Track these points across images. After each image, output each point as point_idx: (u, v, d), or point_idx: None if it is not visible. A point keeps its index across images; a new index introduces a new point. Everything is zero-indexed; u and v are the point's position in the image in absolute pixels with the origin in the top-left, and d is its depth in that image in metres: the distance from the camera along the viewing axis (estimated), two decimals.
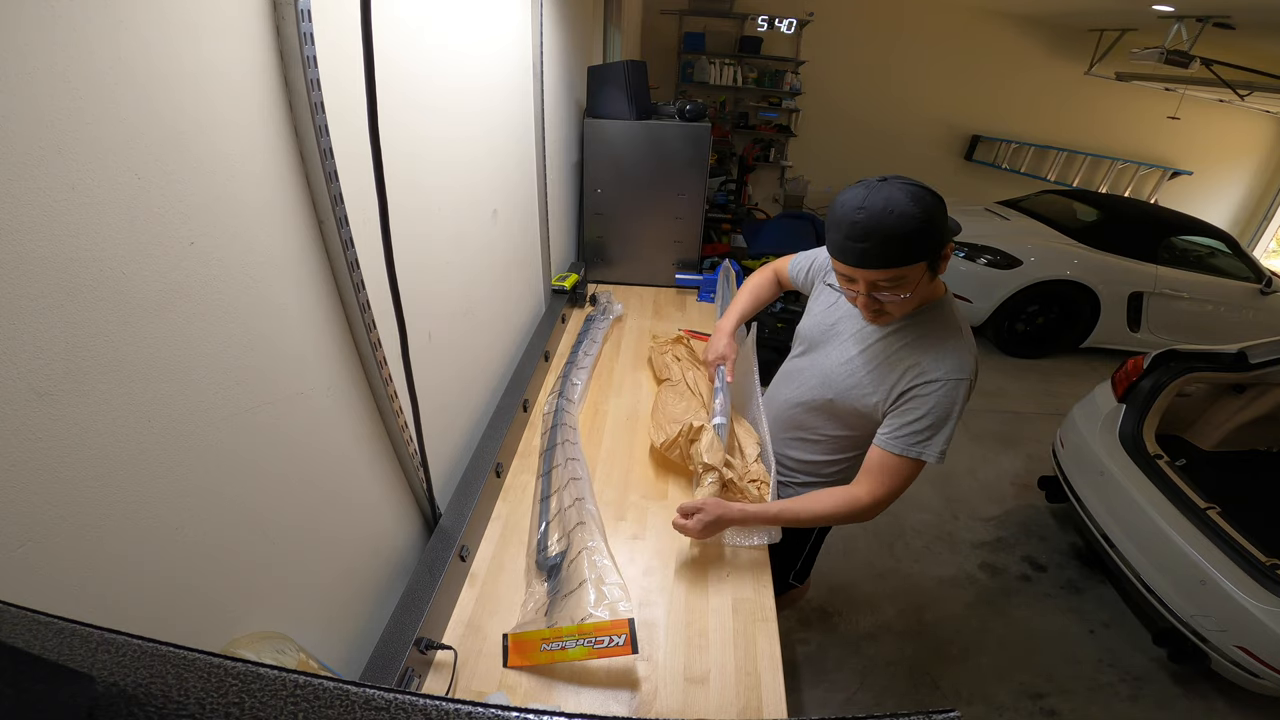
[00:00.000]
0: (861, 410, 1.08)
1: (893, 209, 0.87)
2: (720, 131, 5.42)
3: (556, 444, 1.31)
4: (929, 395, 0.98)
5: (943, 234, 0.92)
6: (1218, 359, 2.32)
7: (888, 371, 1.03)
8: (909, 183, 0.90)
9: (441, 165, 1.04)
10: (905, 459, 1.00)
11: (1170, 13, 3.92)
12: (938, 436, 0.98)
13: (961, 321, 1.02)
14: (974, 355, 0.99)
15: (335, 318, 0.76)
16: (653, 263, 2.25)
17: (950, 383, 0.97)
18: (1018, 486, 2.84)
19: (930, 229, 0.89)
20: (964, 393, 0.97)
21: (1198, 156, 6.32)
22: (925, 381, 0.98)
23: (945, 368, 0.97)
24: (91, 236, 0.44)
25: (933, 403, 0.97)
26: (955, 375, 0.97)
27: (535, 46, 1.49)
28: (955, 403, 0.97)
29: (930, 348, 1.00)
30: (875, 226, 0.88)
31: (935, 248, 0.92)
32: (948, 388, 0.97)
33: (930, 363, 0.99)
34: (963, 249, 3.86)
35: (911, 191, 0.88)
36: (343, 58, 0.69)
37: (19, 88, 0.39)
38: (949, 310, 1.03)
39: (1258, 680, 1.71)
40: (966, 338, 1.01)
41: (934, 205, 0.89)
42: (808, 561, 1.48)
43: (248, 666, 0.28)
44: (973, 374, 0.98)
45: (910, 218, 0.87)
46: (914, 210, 0.87)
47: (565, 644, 0.87)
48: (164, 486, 0.53)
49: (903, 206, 0.87)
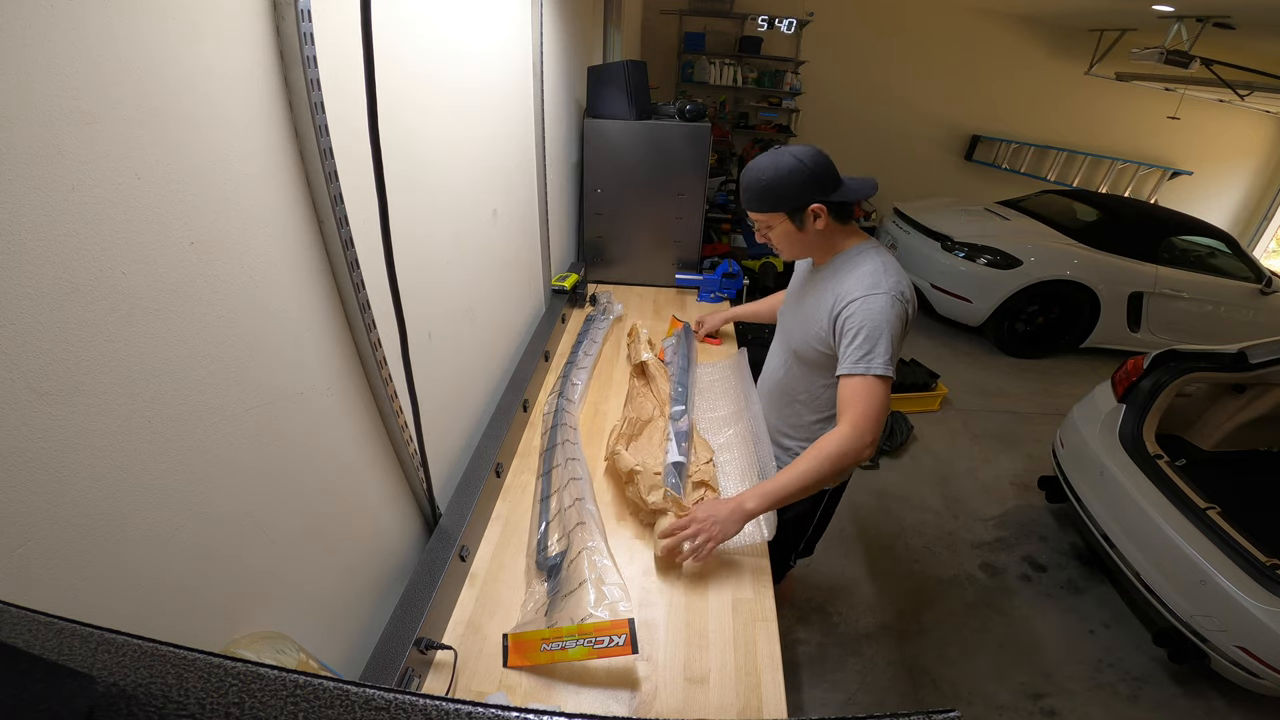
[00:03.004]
0: (820, 349, 1.20)
1: (757, 167, 1.12)
2: (720, 131, 5.42)
3: (556, 444, 1.30)
4: (853, 314, 1.10)
5: (796, 195, 1.11)
6: (1218, 359, 2.32)
7: (817, 306, 1.20)
8: (793, 151, 1.10)
9: (441, 165, 1.04)
10: (859, 378, 1.09)
11: (1170, 13, 3.92)
12: (877, 349, 1.07)
13: (880, 256, 1.16)
14: (898, 278, 1.11)
15: (335, 318, 0.76)
16: (653, 263, 2.25)
17: (870, 298, 1.09)
18: (1018, 486, 2.84)
19: (776, 188, 1.11)
20: (887, 305, 1.08)
21: (1198, 156, 6.32)
22: (846, 303, 1.11)
23: (862, 288, 1.10)
24: (91, 236, 0.44)
25: (859, 319, 1.09)
26: (872, 291, 1.09)
27: (535, 46, 1.49)
28: (881, 315, 1.07)
29: (846, 277, 1.15)
30: (746, 179, 1.14)
31: (785, 203, 1.12)
32: (867, 303, 1.09)
33: (849, 288, 1.13)
34: (963, 249, 3.86)
35: (781, 156, 1.09)
36: (343, 58, 0.69)
37: (19, 88, 0.39)
38: (867, 252, 1.18)
39: (1258, 680, 1.71)
40: (887, 267, 1.13)
41: (791, 173, 1.09)
42: (812, 539, 1.52)
43: (248, 666, 0.28)
44: (894, 290, 1.09)
45: (762, 176, 1.11)
46: (768, 172, 1.10)
47: (565, 644, 0.87)
48: (163, 486, 0.53)
49: (762, 168, 1.11)
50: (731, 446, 1.35)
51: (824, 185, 1.12)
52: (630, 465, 1.16)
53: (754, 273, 4.02)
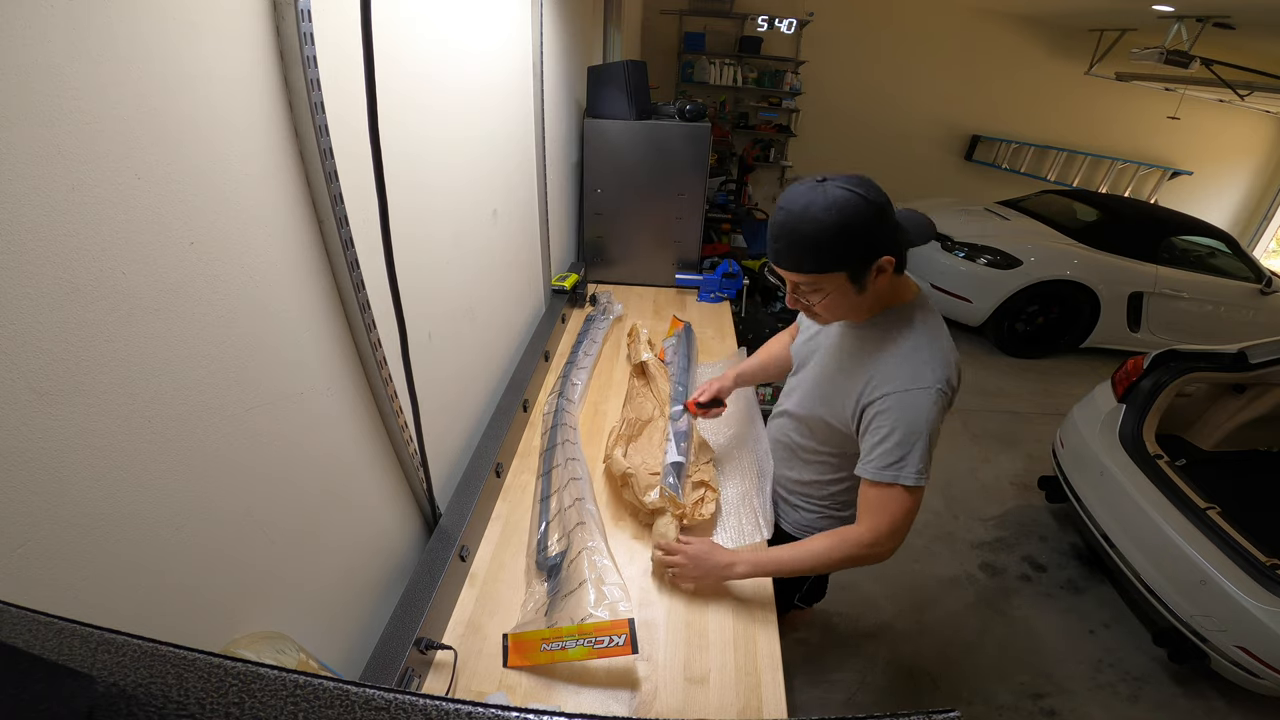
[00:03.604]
0: (837, 426, 1.01)
1: (808, 214, 0.82)
2: (720, 131, 5.41)
3: (556, 444, 1.30)
4: (889, 410, 0.90)
5: (867, 246, 0.84)
6: (1218, 359, 2.32)
7: (846, 381, 0.97)
8: (846, 186, 0.82)
9: (441, 165, 1.04)
10: (885, 487, 0.92)
11: (1170, 13, 3.92)
12: (910, 456, 0.89)
13: (929, 326, 0.94)
14: (945, 363, 0.90)
15: (335, 318, 0.76)
16: (653, 263, 2.25)
17: (910, 393, 0.89)
18: (1018, 486, 2.84)
19: (843, 240, 0.83)
20: (930, 403, 0.88)
21: (1198, 156, 6.32)
22: (883, 395, 0.91)
23: (903, 378, 0.90)
24: (91, 236, 0.44)
25: (894, 417, 0.89)
26: (915, 385, 0.89)
27: (535, 46, 1.49)
28: (921, 415, 0.88)
29: (888, 356, 0.93)
30: (787, 228, 0.84)
31: (853, 259, 0.85)
32: (908, 399, 0.89)
33: (888, 373, 0.91)
34: (963, 249, 3.86)
35: (840, 197, 0.81)
36: (343, 58, 0.69)
37: (19, 88, 0.39)
38: (915, 316, 0.95)
39: (1258, 680, 1.71)
40: (935, 344, 0.92)
41: (859, 215, 0.82)
42: (817, 584, 1.40)
43: (248, 666, 0.28)
44: (941, 383, 0.89)
45: (822, 226, 0.81)
46: (829, 218, 0.81)
47: (565, 644, 0.87)
48: (163, 486, 0.53)
49: (818, 212, 0.81)
50: (731, 447, 1.35)
51: (890, 227, 0.86)
52: (623, 469, 1.16)
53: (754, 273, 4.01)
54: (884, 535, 0.94)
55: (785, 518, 1.21)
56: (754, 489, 1.22)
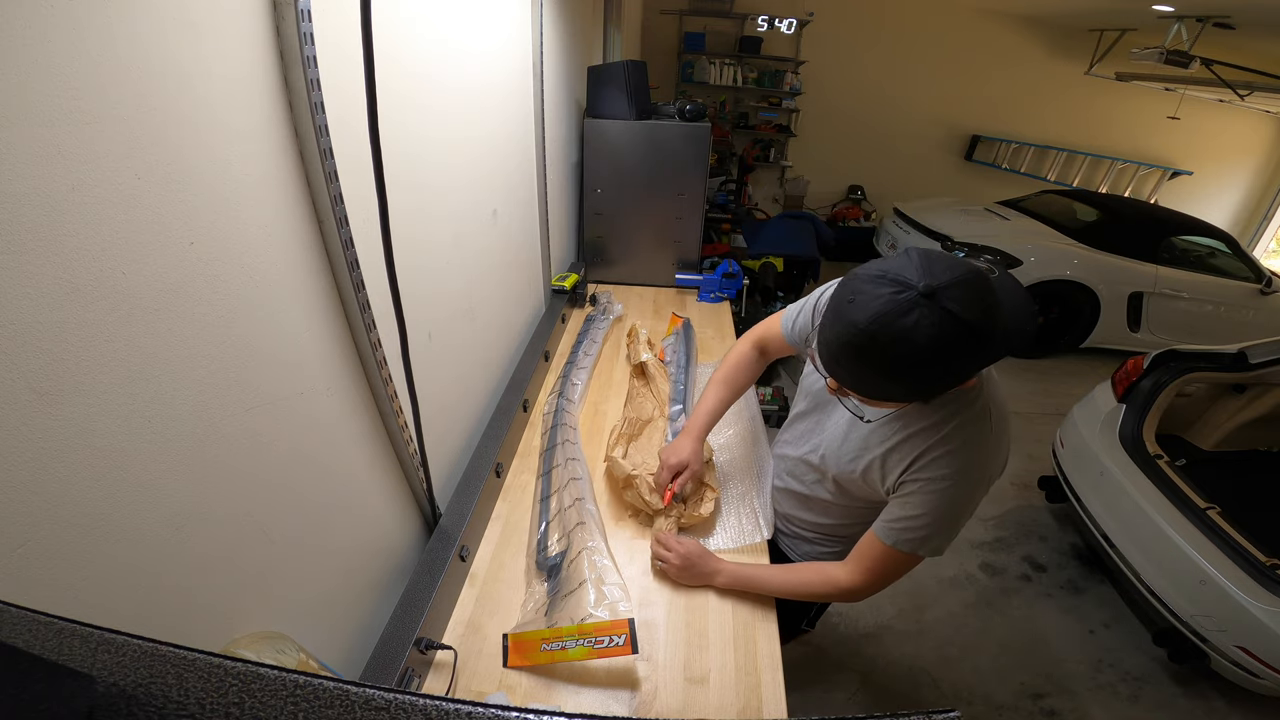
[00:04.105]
0: (866, 491, 0.96)
1: (899, 351, 0.64)
2: (720, 131, 5.41)
3: (556, 444, 1.30)
4: (933, 494, 0.82)
5: (957, 377, 0.71)
6: (1218, 359, 2.32)
7: (890, 453, 0.87)
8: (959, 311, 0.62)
9: (442, 165, 1.04)
10: (897, 551, 0.87)
11: (1170, 13, 3.92)
12: (940, 535, 0.85)
13: (990, 408, 0.82)
14: (998, 451, 0.83)
15: (335, 318, 0.76)
16: (653, 263, 2.25)
17: (960, 483, 0.81)
18: (1018, 486, 2.84)
19: (936, 378, 0.69)
20: (968, 494, 0.83)
21: (1198, 156, 6.32)
22: (930, 477, 0.82)
23: (957, 465, 0.81)
24: (91, 236, 0.44)
25: (935, 501, 0.83)
26: (967, 474, 0.81)
27: (535, 46, 1.49)
28: (965, 505, 0.83)
29: (942, 437, 0.81)
30: (865, 356, 0.66)
31: (937, 390, 0.74)
32: (956, 488, 0.81)
33: (940, 456, 0.81)
34: (963, 249, 3.86)
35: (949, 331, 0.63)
36: (343, 58, 0.69)
37: (19, 88, 0.39)
38: (976, 397, 0.82)
39: (1258, 680, 1.71)
40: (992, 429, 0.82)
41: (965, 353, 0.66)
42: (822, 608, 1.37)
43: (248, 666, 0.28)
44: (993, 469, 0.83)
45: (912, 367, 0.66)
46: (925, 358, 0.64)
47: (565, 644, 0.87)
48: (163, 486, 0.53)
49: (912, 351, 0.64)
50: (731, 447, 1.35)
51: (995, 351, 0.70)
52: (626, 471, 1.16)
53: (754, 273, 4.01)
54: (863, 587, 0.94)
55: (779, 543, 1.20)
56: (754, 489, 1.22)
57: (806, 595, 1.02)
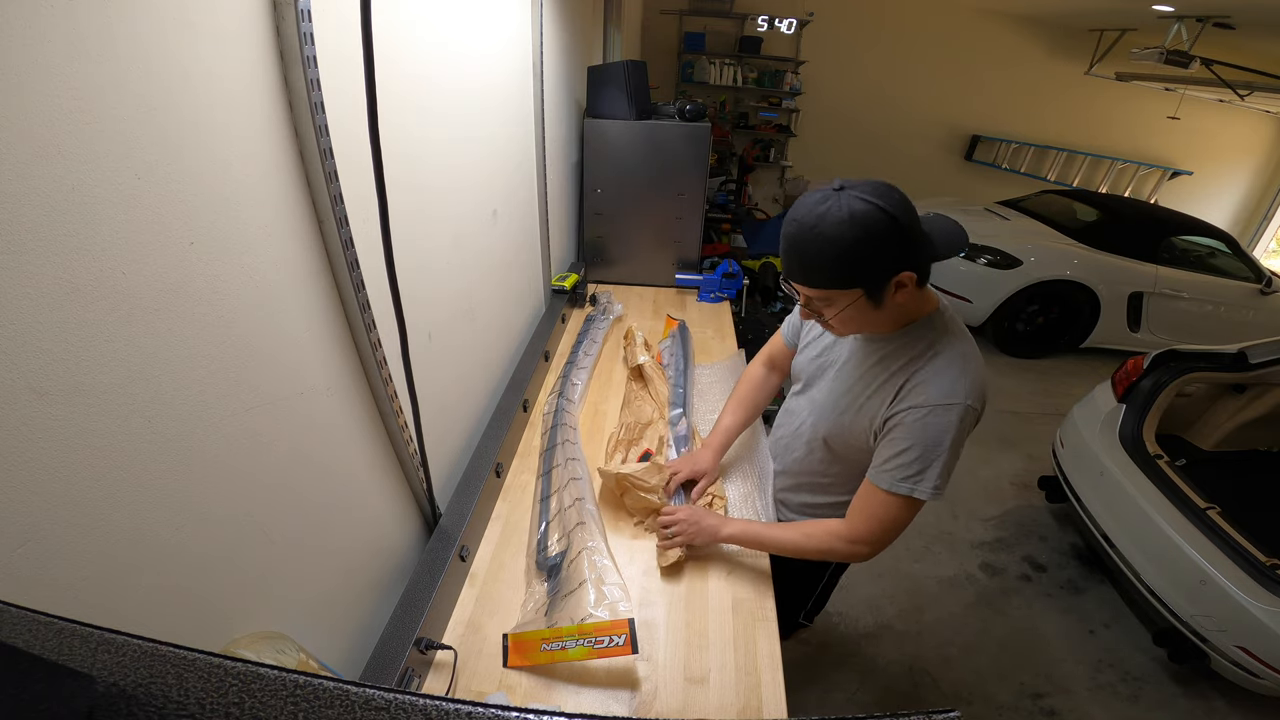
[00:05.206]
0: (858, 444, 0.99)
1: (822, 227, 0.77)
2: (720, 131, 5.42)
3: (556, 444, 1.30)
4: (913, 424, 0.87)
5: (886, 262, 0.80)
6: (1218, 359, 2.32)
7: (871, 397, 0.94)
8: (864, 196, 0.77)
9: (442, 165, 1.04)
10: (893, 495, 0.90)
11: (1170, 13, 3.92)
12: (930, 470, 0.87)
13: (958, 341, 0.90)
14: (973, 381, 0.87)
15: (335, 318, 0.76)
16: (653, 263, 2.25)
17: (937, 409, 0.86)
18: (1018, 486, 2.84)
19: (860, 256, 0.78)
20: (956, 419, 0.85)
21: (1198, 156, 6.32)
22: (908, 408, 0.88)
23: (930, 393, 0.86)
24: (91, 236, 0.44)
25: (918, 432, 0.87)
26: (942, 400, 0.86)
27: (535, 46, 1.49)
28: (946, 431, 0.86)
29: (915, 370, 0.89)
30: (799, 242, 0.80)
31: (869, 276, 0.81)
32: (934, 415, 0.86)
33: (914, 387, 0.88)
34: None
35: (858, 209, 0.76)
36: (343, 58, 0.69)
37: (18, 88, 0.39)
38: (940, 327, 0.91)
39: (1258, 680, 1.71)
40: (963, 357, 0.88)
41: (877, 229, 0.76)
42: (820, 600, 1.39)
43: (248, 666, 0.28)
44: (969, 397, 0.86)
45: (836, 241, 0.77)
46: (844, 233, 0.76)
47: (565, 644, 0.87)
48: (163, 486, 0.53)
49: (833, 227, 0.76)
50: (733, 449, 1.34)
51: (914, 241, 0.81)
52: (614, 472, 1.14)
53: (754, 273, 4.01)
54: (865, 538, 0.96)
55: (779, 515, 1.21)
56: (755, 489, 1.22)
57: (812, 551, 1.01)
